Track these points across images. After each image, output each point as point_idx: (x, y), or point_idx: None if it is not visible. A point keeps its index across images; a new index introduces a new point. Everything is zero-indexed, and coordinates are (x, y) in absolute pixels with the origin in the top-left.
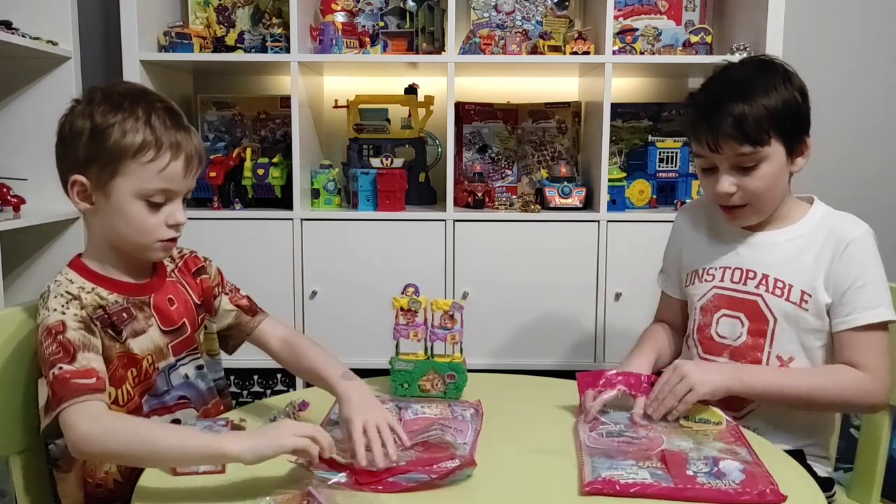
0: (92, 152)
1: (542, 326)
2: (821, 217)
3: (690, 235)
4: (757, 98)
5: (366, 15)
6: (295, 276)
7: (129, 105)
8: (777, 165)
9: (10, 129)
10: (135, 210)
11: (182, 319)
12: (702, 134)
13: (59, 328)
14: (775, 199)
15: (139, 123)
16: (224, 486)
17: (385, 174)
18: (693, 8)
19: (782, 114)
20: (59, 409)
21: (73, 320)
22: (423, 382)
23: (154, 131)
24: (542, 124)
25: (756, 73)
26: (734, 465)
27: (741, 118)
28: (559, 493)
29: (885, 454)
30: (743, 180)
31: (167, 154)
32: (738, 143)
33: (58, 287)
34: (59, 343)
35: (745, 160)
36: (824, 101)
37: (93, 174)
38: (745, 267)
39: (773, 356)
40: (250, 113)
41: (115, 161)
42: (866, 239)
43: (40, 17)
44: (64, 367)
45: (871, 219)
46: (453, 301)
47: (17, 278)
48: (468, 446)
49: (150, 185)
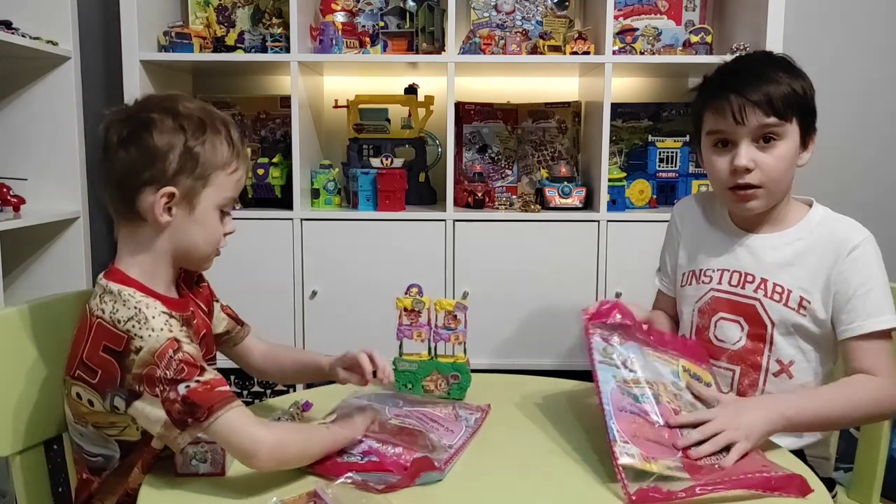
0: (185, 166)
1: (541, 326)
2: (820, 220)
3: (687, 233)
4: (783, 78)
5: (366, 15)
6: (295, 276)
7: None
8: (792, 148)
9: (10, 129)
10: (213, 219)
11: (203, 331)
12: (727, 104)
13: (175, 346)
14: (785, 188)
15: (225, 139)
16: (230, 487)
17: (385, 174)
18: (693, 8)
19: (803, 98)
20: (215, 418)
21: (183, 335)
22: (427, 383)
23: (234, 145)
24: (542, 124)
25: (779, 60)
26: None
27: (770, 91)
28: (563, 496)
29: (885, 454)
30: (761, 157)
31: (243, 166)
32: (764, 112)
33: (147, 308)
34: (182, 361)
35: (768, 131)
36: (824, 102)
37: (182, 186)
38: (744, 270)
39: (772, 360)
40: (250, 113)
41: (208, 173)
42: (869, 244)
43: (40, 17)
44: (200, 380)
45: (871, 218)
46: (457, 301)
47: (17, 278)
48: (452, 449)
49: (229, 195)
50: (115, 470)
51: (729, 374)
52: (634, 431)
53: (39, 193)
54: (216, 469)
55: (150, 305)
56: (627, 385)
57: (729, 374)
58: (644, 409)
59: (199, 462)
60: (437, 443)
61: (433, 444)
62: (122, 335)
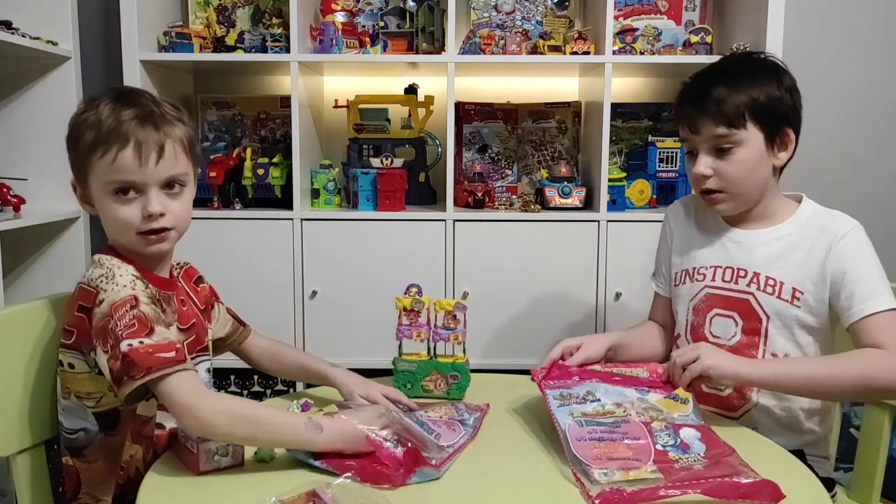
0: (71, 157)
1: (541, 326)
2: (810, 215)
3: (679, 233)
4: (741, 85)
5: (366, 15)
6: (295, 276)
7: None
8: (754, 153)
9: (10, 129)
10: (109, 206)
11: (192, 320)
12: (684, 115)
13: (133, 302)
14: (752, 189)
15: (89, 121)
16: (230, 485)
17: (385, 174)
18: (693, 8)
19: (763, 103)
20: (147, 378)
21: (144, 295)
22: (427, 383)
23: (100, 126)
24: (542, 124)
25: (747, 64)
26: (691, 433)
27: (720, 100)
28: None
29: (885, 454)
30: (719, 164)
31: (114, 146)
32: (714, 123)
33: (118, 269)
34: (135, 317)
35: (720, 142)
36: (824, 101)
37: (78, 179)
38: (736, 266)
39: (767, 354)
40: (250, 113)
41: (83, 163)
42: (858, 232)
43: (40, 17)
44: (144, 342)
45: (871, 218)
46: (456, 301)
47: (17, 278)
48: (451, 449)
49: (112, 177)
50: (102, 451)
51: None
52: (598, 455)
53: (39, 193)
54: (237, 460)
55: (122, 267)
56: (591, 416)
57: None
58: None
59: (221, 457)
60: (432, 442)
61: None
62: (92, 290)
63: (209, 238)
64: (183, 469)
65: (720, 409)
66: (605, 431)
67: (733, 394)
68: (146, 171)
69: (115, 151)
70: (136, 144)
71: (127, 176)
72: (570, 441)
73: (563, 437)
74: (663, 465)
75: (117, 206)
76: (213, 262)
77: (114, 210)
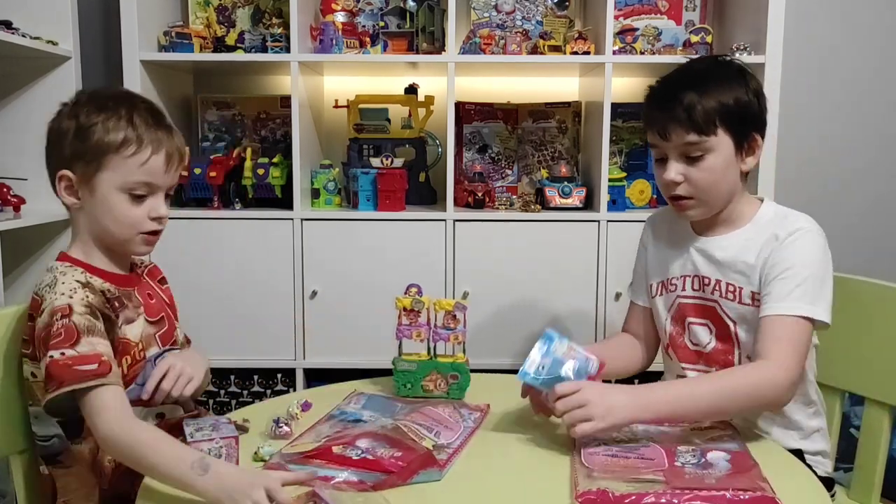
0: (77, 149)
1: (541, 326)
2: (770, 217)
3: (653, 246)
4: (710, 90)
5: (366, 15)
6: (295, 276)
7: (112, 105)
8: (723, 159)
9: (10, 129)
10: (118, 203)
11: (161, 314)
12: (653, 121)
13: (66, 311)
14: (722, 195)
15: (122, 121)
16: None
17: (385, 174)
18: (693, 8)
19: (733, 108)
20: (60, 391)
21: (80, 304)
22: (426, 383)
23: (136, 128)
24: (543, 124)
25: (714, 68)
26: (720, 455)
27: (691, 106)
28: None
29: (885, 454)
30: (689, 170)
31: (148, 149)
32: (685, 130)
33: (63, 276)
34: (63, 326)
35: (691, 149)
36: (824, 101)
37: (78, 169)
38: (701, 274)
39: (743, 357)
40: (250, 113)
41: (100, 156)
42: (809, 235)
43: (40, 17)
44: (66, 353)
45: (870, 218)
46: (456, 301)
47: (17, 278)
48: (451, 449)
49: (132, 178)
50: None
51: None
52: (605, 463)
53: (39, 193)
54: (231, 463)
55: (68, 273)
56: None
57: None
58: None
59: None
60: (436, 442)
61: (417, 446)
62: (38, 299)
63: (209, 238)
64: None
65: None
66: (621, 451)
67: None
68: (166, 178)
69: (148, 153)
70: (167, 152)
71: (152, 179)
72: (582, 454)
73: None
74: (672, 477)
75: (130, 205)
76: (213, 261)
77: (124, 208)
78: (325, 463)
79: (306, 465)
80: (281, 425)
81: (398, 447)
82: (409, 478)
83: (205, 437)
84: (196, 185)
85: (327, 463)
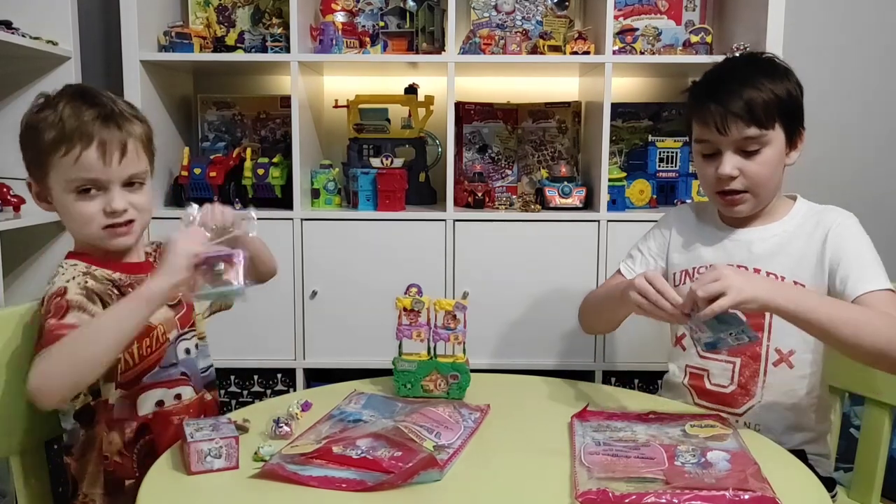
0: (27, 156)
1: (541, 326)
2: (806, 211)
3: (680, 234)
4: (765, 84)
5: (366, 15)
6: (295, 276)
7: (44, 104)
8: (777, 152)
9: (11, 129)
10: (69, 203)
11: (177, 296)
12: (709, 115)
13: (61, 292)
14: (772, 189)
15: (50, 119)
16: (230, 484)
17: (385, 174)
18: (693, 8)
19: (787, 102)
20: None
21: (76, 287)
22: (427, 383)
23: (64, 124)
24: (542, 124)
25: (763, 63)
26: (720, 454)
27: (751, 100)
28: (551, 499)
29: (885, 454)
30: (745, 164)
31: (77, 146)
32: (745, 124)
33: (65, 270)
34: (56, 304)
35: (749, 143)
36: (824, 101)
37: (35, 176)
38: (736, 262)
39: (771, 350)
40: (250, 113)
41: (42, 160)
42: (852, 222)
43: (40, 17)
44: (52, 322)
45: (870, 218)
46: (456, 301)
47: (17, 278)
48: (452, 448)
49: (71, 177)
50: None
51: (729, 366)
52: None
53: None
54: (231, 463)
55: (69, 265)
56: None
57: (729, 367)
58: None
59: (213, 458)
60: (432, 443)
61: (418, 447)
62: (45, 296)
63: None
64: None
65: (722, 406)
66: (621, 451)
67: (737, 389)
68: (110, 170)
69: (78, 150)
70: (99, 144)
71: (90, 174)
72: (582, 454)
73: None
74: (672, 477)
75: (80, 203)
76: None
77: (76, 207)
78: (325, 463)
79: (306, 465)
80: (281, 425)
81: (398, 447)
82: (410, 478)
83: (205, 437)
84: (196, 185)
85: (327, 463)
